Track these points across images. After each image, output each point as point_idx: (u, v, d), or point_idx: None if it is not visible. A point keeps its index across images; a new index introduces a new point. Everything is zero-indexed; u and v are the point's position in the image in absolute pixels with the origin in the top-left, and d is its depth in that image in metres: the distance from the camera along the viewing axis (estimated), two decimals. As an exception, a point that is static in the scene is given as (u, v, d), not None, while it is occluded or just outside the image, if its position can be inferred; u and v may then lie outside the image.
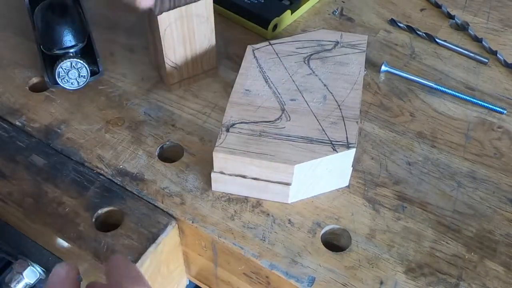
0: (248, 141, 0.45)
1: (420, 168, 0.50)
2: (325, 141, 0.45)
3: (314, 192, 0.47)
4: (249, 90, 0.49)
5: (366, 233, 0.46)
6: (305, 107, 0.48)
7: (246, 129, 0.46)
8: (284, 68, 0.52)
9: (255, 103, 0.48)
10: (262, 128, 0.46)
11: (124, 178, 0.49)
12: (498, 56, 0.60)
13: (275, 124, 0.47)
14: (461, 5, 0.68)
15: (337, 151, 0.44)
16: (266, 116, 0.47)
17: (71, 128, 0.53)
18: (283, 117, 0.47)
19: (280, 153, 0.44)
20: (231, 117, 0.47)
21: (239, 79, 0.51)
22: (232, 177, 0.46)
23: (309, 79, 0.51)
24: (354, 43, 0.54)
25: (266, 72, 0.51)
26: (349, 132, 0.46)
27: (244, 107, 0.48)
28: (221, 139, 0.45)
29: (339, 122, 0.47)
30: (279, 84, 0.50)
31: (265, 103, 0.48)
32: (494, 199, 0.48)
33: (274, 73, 0.51)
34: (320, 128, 0.46)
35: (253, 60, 0.52)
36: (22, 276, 0.50)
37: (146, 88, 0.57)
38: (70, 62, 0.53)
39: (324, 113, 0.48)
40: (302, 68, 0.52)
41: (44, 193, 0.48)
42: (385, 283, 0.43)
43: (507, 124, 0.54)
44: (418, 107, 0.56)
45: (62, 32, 0.53)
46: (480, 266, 0.44)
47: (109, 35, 0.62)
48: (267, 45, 0.54)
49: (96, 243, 0.44)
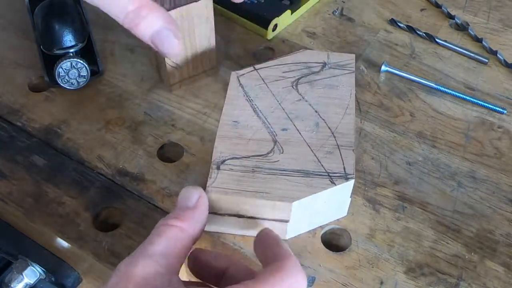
0: (241, 179, 0.43)
1: (420, 168, 0.50)
2: (322, 173, 0.43)
3: (312, 226, 0.46)
4: (237, 122, 0.47)
5: (366, 233, 0.46)
6: (298, 137, 0.46)
7: (238, 165, 0.44)
8: (272, 94, 0.49)
9: (245, 135, 0.46)
10: (254, 163, 0.44)
11: (124, 178, 0.49)
12: (498, 56, 0.60)
13: (268, 158, 0.44)
14: (461, 5, 0.68)
15: (336, 183, 0.42)
16: (258, 150, 0.45)
17: (71, 128, 0.53)
18: (275, 150, 0.45)
19: (276, 190, 0.42)
20: (221, 153, 0.44)
21: (226, 109, 0.48)
22: (226, 216, 0.44)
23: (299, 105, 0.48)
24: (342, 63, 0.52)
25: (253, 100, 0.49)
26: (346, 162, 0.44)
27: (234, 140, 0.46)
28: (213, 178, 0.43)
29: (334, 151, 0.45)
30: (268, 113, 0.48)
31: (256, 135, 0.46)
32: (494, 199, 0.48)
33: (262, 100, 0.49)
34: (316, 159, 0.44)
35: (238, 88, 0.50)
36: (22, 276, 0.50)
37: (146, 88, 0.57)
38: (70, 62, 0.53)
39: (318, 142, 0.45)
40: (291, 94, 0.49)
41: (44, 193, 0.48)
42: (385, 283, 0.43)
43: (507, 124, 0.54)
44: (418, 107, 0.56)
45: (62, 32, 0.53)
46: (480, 266, 0.44)
47: (109, 35, 0.62)
48: (252, 70, 0.51)
49: (96, 243, 0.44)
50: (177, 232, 0.36)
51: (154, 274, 0.34)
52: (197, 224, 0.38)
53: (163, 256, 0.35)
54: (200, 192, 0.39)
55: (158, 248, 0.35)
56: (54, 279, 0.50)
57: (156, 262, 0.34)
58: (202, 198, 0.39)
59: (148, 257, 0.34)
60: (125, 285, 0.33)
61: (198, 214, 0.38)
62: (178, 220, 0.37)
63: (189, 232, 0.37)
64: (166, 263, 0.35)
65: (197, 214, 0.38)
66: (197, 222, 0.38)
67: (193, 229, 0.37)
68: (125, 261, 0.35)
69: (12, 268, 0.51)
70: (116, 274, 0.34)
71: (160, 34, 0.42)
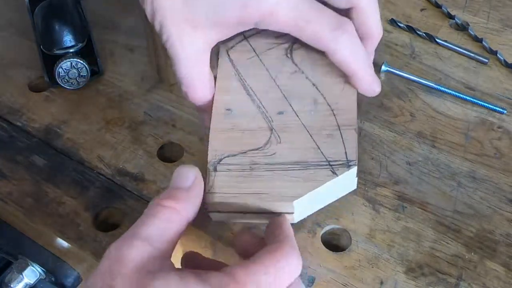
0: (238, 179, 0.40)
1: (420, 168, 0.50)
2: (321, 163, 0.40)
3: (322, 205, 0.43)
4: (230, 110, 0.42)
5: (366, 233, 0.46)
6: (295, 121, 0.42)
7: (234, 164, 0.40)
8: (265, 69, 0.44)
9: (240, 126, 0.42)
10: (251, 159, 0.40)
11: (124, 178, 0.49)
12: (498, 56, 0.60)
13: (265, 150, 0.41)
14: (461, 5, 0.68)
15: (337, 174, 0.40)
16: (254, 142, 0.41)
17: (71, 128, 0.53)
18: (272, 139, 0.41)
19: (275, 189, 0.39)
20: (216, 151, 0.41)
21: (218, 94, 0.43)
22: (230, 214, 0.41)
23: (295, 79, 0.43)
24: None
25: (246, 79, 0.44)
26: (347, 146, 0.40)
27: (228, 133, 0.42)
28: (210, 182, 0.40)
29: (335, 133, 0.41)
30: (263, 94, 0.43)
31: (251, 124, 0.42)
32: (494, 199, 0.48)
33: (256, 79, 0.44)
34: (315, 145, 0.41)
35: (229, 65, 0.44)
36: (22, 276, 0.50)
37: (146, 88, 0.57)
38: (70, 62, 0.53)
39: (317, 124, 0.41)
40: (286, 65, 0.44)
41: (44, 193, 0.48)
42: (385, 283, 0.43)
43: (507, 124, 0.54)
44: (418, 107, 0.56)
45: (62, 32, 0.53)
46: (480, 266, 0.44)
47: (109, 35, 0.62)
48: (242, 39, 0.45)
49: (96, 243, 0.45)
50: (172, 213, 0.35)
51: (148, 257, 0.32)
52: (192, 207, 0.36)
53: (157, 239, 0.33)
54: (196, 172, 0.37)
55: (152, 230, 0.33)
56: (54, 279, 0.51)
57: (151, 245, 0.33)
58: (198, 180, 0.37)
59: (142, 239, 0.33)
60: (118, 269, 0.31)
61: (194, 196, 0.36)
62: (172, 200, 0.35)
63: (183, 215, 0.35)
64: (160, 247, 0.33)
65: (192, 196, 0.36)
66: (192, 204, 0.36)
67: (187, 211, 0.36)
68: (116, 244, 0.33)
69: (12, 268, 0.51)
70: (107, 257, 0.32)
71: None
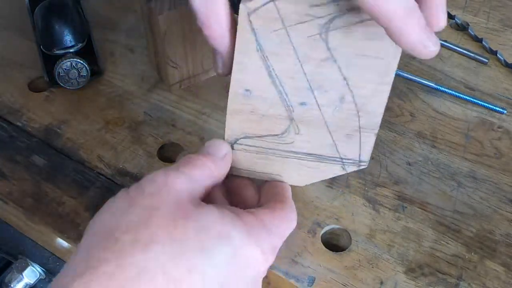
0: (253, 160, 0.41)
1: (420, 168, 0.50)
2: (335, 158, 0.41)
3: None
4: (249, 91, 0.39)
5: (366, 233, 0.46)
6: (317, 115, 0.40)
7: (251, 145, 0.41)
8: (293, 49, 0.37)
9: (259, 110, 0.40)
10: (267, 143, 0.41)
11: (124, 178, 0.49)
12: (498, 56, 0.60)
13: (282, 138, 0.41)
14: (461, 5, 0.68)
15: (347, 170, 0.42)
16: (272, 129, 0.40)
17: (71, 128, 0.53)
18: (291, 129, 0.40)
19: (286, 173, 0.42)
20: (233, 131, 0.40)
21: (236, 72, 0.38)
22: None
23: (325, 68, 0.38)
24: None
25: (269, 57, 0.38)
26: (363, 148, 0.41)
27: (246, 116, 0.40)
28: None
29: (354, 134, 0.40)
30: (287, 79, 0.38)
31: (270, 110, 0.40)
32: (494, 199, 0.48)
33: (280, 60, 0.38)
34: (332, 142, 0.41)
35: (251, 36, 0.37)
36: (22, 276, 0.50)
37: (146, 88, 0.57)
38: (70, 62, 0.53)
39: (339, 123, 0.40)
40: (317, 49, 0.37)
41: (44, 193, 0.48)
42: (385, 283, 0.43)
43: (507, 124, 0.54)
44: (418, 107, 0.56)
45: (62, 32, 0.53)
46: (480, 266, 0.44)
47: (109, 35, 0.62)
48: (268, 1, 0.36)
49: (96, 243, 0.44)
50: (209, 171, 0.37)
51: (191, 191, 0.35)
52: (222, 175, 0.39)
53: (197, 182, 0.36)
54: (229, 149, 0.40)
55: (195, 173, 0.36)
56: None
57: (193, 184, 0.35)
58: (228, 155, 0.39)
59: (186, 175, 0.35)
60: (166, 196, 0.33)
61: (224, 167, 0.39)
62: (211, 162, 0.37)
63: (216, 176, 0.38)
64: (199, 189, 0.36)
65: (223, 166, 0.39)
66: (221, 173, 0.38)
67: (218, 177, 0.38)
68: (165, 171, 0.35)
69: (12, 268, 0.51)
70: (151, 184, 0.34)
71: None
